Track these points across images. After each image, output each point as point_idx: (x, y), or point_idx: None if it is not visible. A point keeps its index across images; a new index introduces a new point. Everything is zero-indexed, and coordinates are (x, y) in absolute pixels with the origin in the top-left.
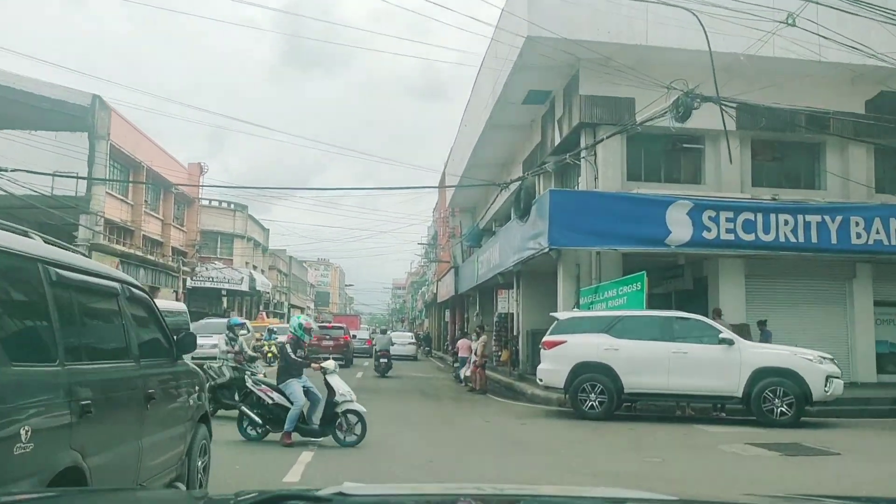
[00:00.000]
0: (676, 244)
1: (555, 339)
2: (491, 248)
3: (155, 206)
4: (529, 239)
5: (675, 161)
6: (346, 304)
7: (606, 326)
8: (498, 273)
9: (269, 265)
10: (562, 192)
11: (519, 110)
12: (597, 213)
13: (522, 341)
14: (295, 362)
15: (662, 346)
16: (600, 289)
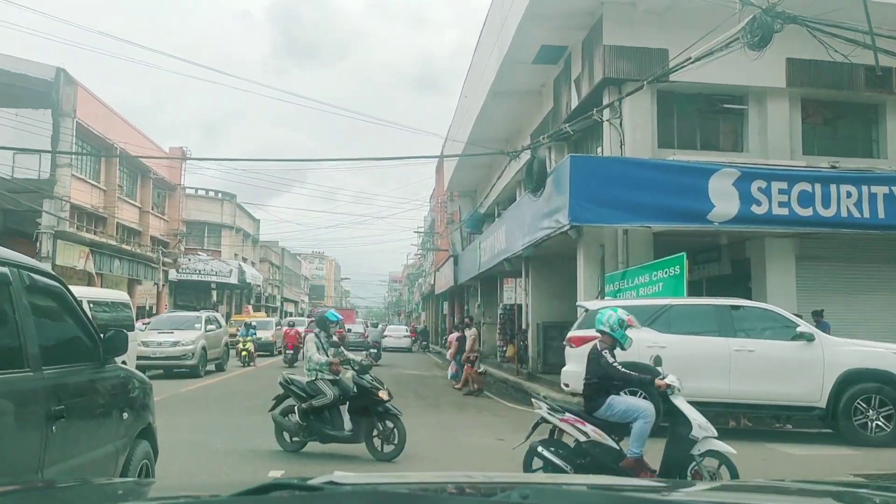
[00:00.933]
0: (721, 220)
1: (585, 335)
2: (495, 233)
3: (131, 193)
4: (544, 217)
5: (714, 125)
6: (341, 297)
7: (649, 318)
8: (504, 259)
9: (261, 257)
10: (584, 158)
11: (528, 72)
12: (625, 184)
13: (532, 336)
14: (627, 375)
15: (721, 342)
16: (628, 274)
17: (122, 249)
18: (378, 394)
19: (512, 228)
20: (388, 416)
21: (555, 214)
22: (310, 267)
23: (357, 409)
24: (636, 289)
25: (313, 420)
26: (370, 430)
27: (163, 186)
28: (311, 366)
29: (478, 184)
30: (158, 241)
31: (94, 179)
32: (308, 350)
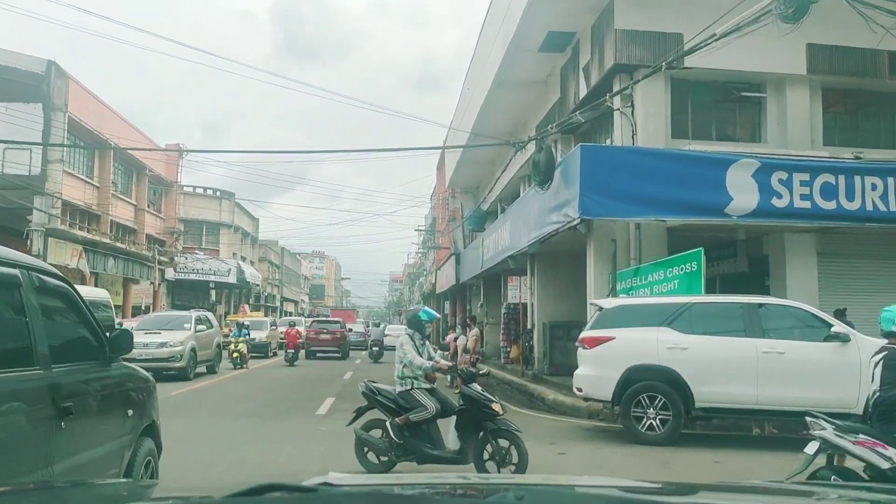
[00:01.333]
0: (739, 214)
1: (599, 335)
2: (499, 230)
3: (126, 190)
4: (552, 211)
5: (730, 114)
6: (342, 297)
7: (668, 317)
8: (508, 256)
9: (260, 257)
10: (595, 147)
11: (534, 61)
12: (639, 176)
13: (538, 336)
14: None
15: (748, 343)
16: (641, 271)
17: (116, 248)
18: (491, 406)
19: (517, 224)
20: (503, 434)
21: (563, 208)
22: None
23: (465, 425)
24: (650, 286)
25: (408, 437)
26: (480, 450)
27: (159, 184)
28: (406, 373)
29: (480, 180)
30: (154, 240)
31: (88, 176)
32: (405, 354)
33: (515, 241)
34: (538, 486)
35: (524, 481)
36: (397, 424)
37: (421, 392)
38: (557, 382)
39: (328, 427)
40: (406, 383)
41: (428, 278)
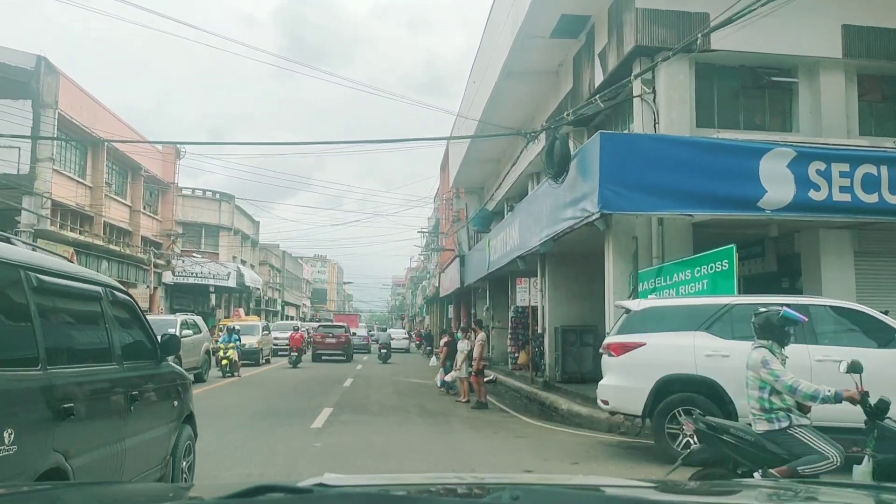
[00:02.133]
0: (773, 208)
1: (627, 341)
2: (507, 229)
3: (121, 190)
4: (567, 206)
5: (759, 101)
6: (344, 301)
7: (706, 320)
8: (518, 257)
9: (260, 260)
10: (616, 135)
11: (545, 48)
12: (664, 166)
13: (549, 341)
14: None
15: (799, 350)
16: (665, 270)
17: (110, 250)
18: None
19: (527, 222)
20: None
21: (580, 202)
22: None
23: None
24: (675, 287)
25: None
26: None
27: (155, 185)
28: (777, 403)
29: (485, 180)
30: (151, 242)
31: (80, 176)
32: (776, 376)
33: (525, 241)
34: (534, 486)
35: (520, 481)
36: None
37: (808, 432)
38: (571, 391)
39: (323, 443)
40: (779, 418)
41: (431, 281)
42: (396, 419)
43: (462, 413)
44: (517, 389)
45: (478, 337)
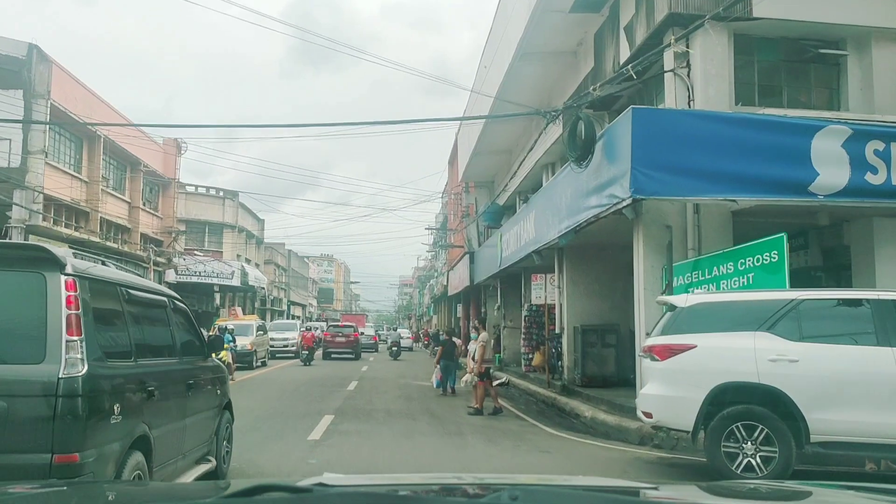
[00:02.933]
0: (826, 193)
1: (675, 343)
2: (521, 222)
3: (119, 186)
4: (591, 193)
5: (803, 76)
6: (351, 301)
7: (768, 318)
8: (533, 252)
9: (266, 259)
10: (650, 111)
11: (564, 25)
12: (704, 146)
13: (567, 341)
14: None
15: (883, 354)
16: (702, 263)
17: (107, 247)
18: None
19: (544, 214)
20: None
21: (607, 188)
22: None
23: None
24: (714, 282)
25: None
26: None
27: (156, 180)
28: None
29: (496, 173)
30: (151, 240)
31: (76, 170)
32: None
33: (542, 234)
34: (533, 486)
35: (519, 481)
36: None
37: None
38: (593, 396)
39: (320, 459)
40: None
41: (439, 280)
42: (403, 429)
43: (475, 422)
44: (532, 393)
45: (480, 337)
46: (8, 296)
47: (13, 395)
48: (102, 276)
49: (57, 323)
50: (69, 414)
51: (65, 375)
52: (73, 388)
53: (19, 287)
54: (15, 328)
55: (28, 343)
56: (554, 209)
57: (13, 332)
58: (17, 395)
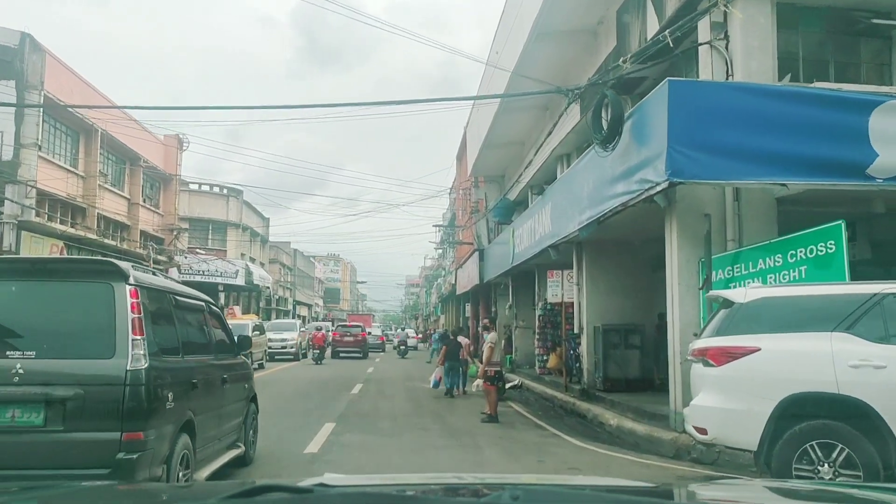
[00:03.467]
0: (885, 176)
1: (734, 345)
2: (536, 216)
3: (118, 182)
4: (618, 180)
5: (852, 50)
6: (357, 301)
7: (846, 316)
8: (550, 246)
9: (271, 258)
10: (688, 83)
11: (583, 1)
12: (749, 123)
13: (587, 342)
14: None
15: None
16: (745, 256)
17: (104, 244)
18: None
19: (562, 206)
20: None
21: (638, 172)
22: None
23: None
24: (760, 276)
25: None
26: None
27: (156, 177)
28: None
29: (507, 167)
30: (152, 237)
31: (72, 164)
32: None
33: (560, 227)
34: (534, 486)
35: (520, 481)
36: None
37: None
38: (617, 401)
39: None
40: None
41: (447, 279)
42: (412, 441)
43: (491, 431)
44: (549, 398)
45: (489, 337)
46: (84, 302)
47: (90, 384)
48: (156, 285)
49: (124, 324)
50: (135, 399)
51: (131, 368)
52: (138, 379)
53: (92, 295)
54: (90, 329)
55: (100, 341)
56: (573, 200)
57: (88, 332)
58: (93, 385)
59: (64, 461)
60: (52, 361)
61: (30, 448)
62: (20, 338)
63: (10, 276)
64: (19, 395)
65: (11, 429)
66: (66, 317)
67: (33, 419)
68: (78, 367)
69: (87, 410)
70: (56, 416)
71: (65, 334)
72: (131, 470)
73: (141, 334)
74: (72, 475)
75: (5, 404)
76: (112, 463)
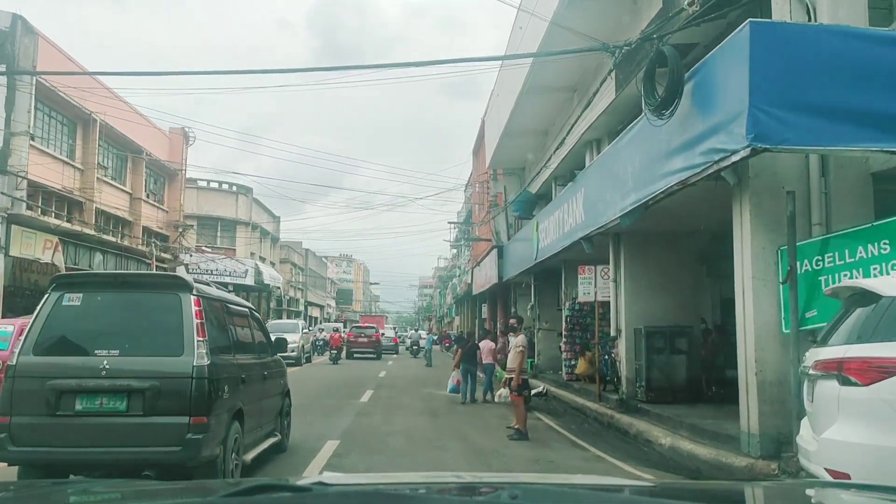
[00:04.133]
0: None
1: (888, 356)
2: (565, 205)
3: (120, 175)
4: (676, 153)
5: None
6: (370, 302)
7: None
8: (582, 238)
9: (281, 258)
10: (776, 26)
11: None
12: (849, 75)
13: (627, 346)
14: None
15: None
16: (836, 243)
17: (103, 240)
18: None
19: (598, 190)
20: None
21: (705, 141)
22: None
23: None
24: (860, 267)
25: None
26: None
27: (161, 171)
28: None
29: (527, 158)
30: (156, 234)
31: (69, 156)
32: None
33: (595, 216)
34: (532, 486)
35: (519, 480)
36: None
37: None
38: (666, 416)
39: None
40: None
41: (462, 278)
42: (428, 463)
43: (524, 452)
44: (580, 408)
45: (517, 341)
46: (157, 310)
47: (163, 377)
48: (212, 295)
49: (190, 328)
50: (199, 390)
51: (197, 364)
52: (203, 373)
53: (164, 304)
54: (162, 332)
55: (171, 342)
56: (614, 183)
57: (161, 335)
58: (166, 378)
59: (143, 441)
60: (132, 359)
61: (115, 429)
62: (106, 339)
63: (95, 288)
64: (106, 387)
65: (100, 413)
66: (143, 322)
67: (118, 406)
68: (153, 364)
69: (162, 399)
70: (136, 403)
71: (142, 336)
72: (198, 448)
73: (203, 336)
74: (151, 452)
75: (95, 394)
76: (182, 442)
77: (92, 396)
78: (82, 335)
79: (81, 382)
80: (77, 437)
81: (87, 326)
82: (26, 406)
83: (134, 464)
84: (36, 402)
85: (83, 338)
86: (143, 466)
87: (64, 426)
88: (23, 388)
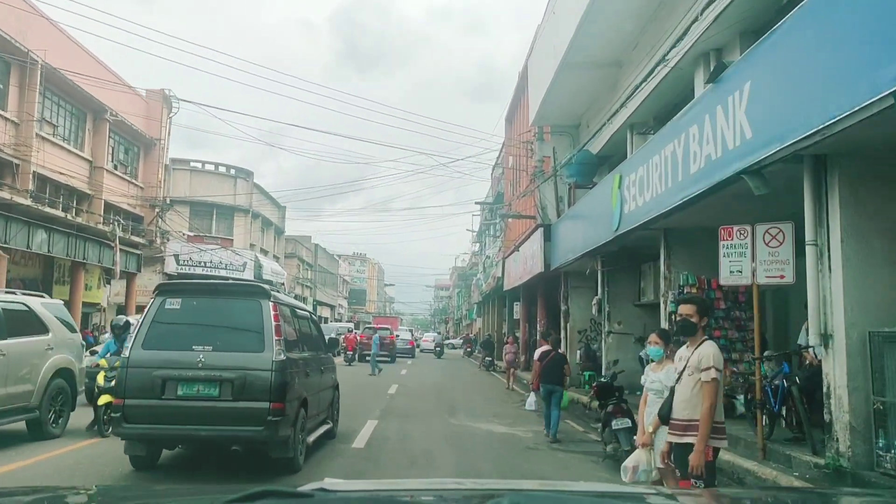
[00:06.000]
0: None
1: None
2: (691, 130)
3: (75, 138)
4: None
5: None
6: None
7: None
8: (745, 172)
9: (287, 252)
10: None
11: None
12: None
13: (848, 364)
14: None
15: None
16: None
17: (44, 213)
18: None
19: (776, 90)
20: None
21: None
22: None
23: None
24: None
25: None
26: None
27: (135, 140)
28: None
29: (583, 113)
30: (126, 214)
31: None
32: None
33: (781, 126)
34: (533, 492)
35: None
36: None
37: None
38: None
39: None
40: None
41: (490, 272)
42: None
43: None
44: (730, 468)
45: (701, 353)
46: (242, 313)
47: (248, 369)
48: (285, 301)
49: (269, 329)
50: (277, 381)
51: (276, 359)
52: (280, 366)
53: (248, 308)
54: (247, 331)
55: (255, 340)
56: (815, 71)
57: (246, 334)
58: (250, 370)
59: (232, 421)
60: (222, 353)
61: (209, 412)
62: (201, 337)
63: (192, 294)
64: (202, 377)
65: (197, 398)
66: (231, 323)
67: (211, 392)
68: (240, 358)
69: (247, 387)
70: (226, 390)
71: (230, 335)
72: (276, 428)
73: (279, 336)
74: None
75: (193, 382)
76: (264, 423)
77: (190, 384)
78: (182, 333)
79: (182, 372)
80: (178, 417)
81: (185, 326)
82: (137, 391)
83: (224, 440)
84: (145, 388)
85: (182, 335)
86: (231, 441)
87: (167, 408)
88: (134, 377)
